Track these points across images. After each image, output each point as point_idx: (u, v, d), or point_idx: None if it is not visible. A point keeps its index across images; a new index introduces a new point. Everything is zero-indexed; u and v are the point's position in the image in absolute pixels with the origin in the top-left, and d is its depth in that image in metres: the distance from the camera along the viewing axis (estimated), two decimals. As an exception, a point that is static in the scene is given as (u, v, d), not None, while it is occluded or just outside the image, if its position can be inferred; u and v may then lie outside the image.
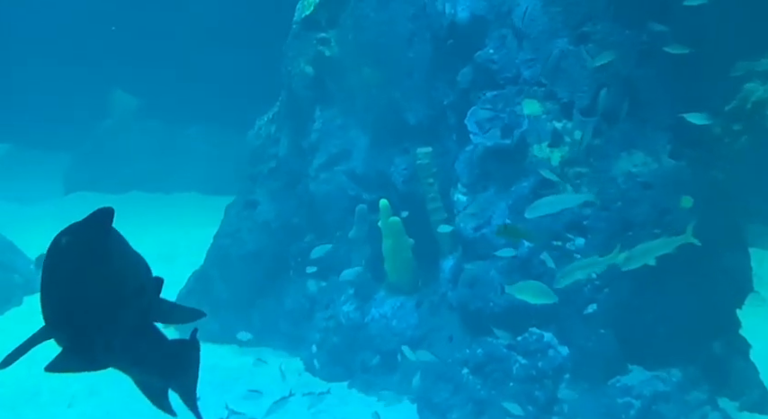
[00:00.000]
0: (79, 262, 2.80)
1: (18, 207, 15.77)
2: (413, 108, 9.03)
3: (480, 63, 8.09)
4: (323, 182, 9.60)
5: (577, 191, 7.55)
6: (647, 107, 7.51)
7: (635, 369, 7.50)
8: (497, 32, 8.05)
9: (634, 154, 7.51)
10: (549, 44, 7.74)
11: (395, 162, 9.18)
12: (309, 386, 8.80)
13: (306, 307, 9.59)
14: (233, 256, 10.14)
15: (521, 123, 7.77)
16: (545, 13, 7.79)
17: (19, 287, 11.53)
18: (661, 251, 6.84)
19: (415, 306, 8.85)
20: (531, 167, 7.72)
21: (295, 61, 9.80)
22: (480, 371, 7.71)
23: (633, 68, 7.53)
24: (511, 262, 7.68)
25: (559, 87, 7.70)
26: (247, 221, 10.15)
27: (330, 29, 9.55)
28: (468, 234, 7.97)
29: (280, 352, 9.65)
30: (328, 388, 8.51)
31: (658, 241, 6.95)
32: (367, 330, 8.92)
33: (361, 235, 9.00)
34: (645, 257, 6.80)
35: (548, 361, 7.52)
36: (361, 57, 9.33)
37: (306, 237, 9.77)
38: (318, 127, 9.74)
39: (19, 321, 10.85)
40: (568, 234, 7.56)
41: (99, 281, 2.83)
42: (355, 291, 9.16)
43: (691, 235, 6.72)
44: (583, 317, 7.47)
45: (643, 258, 6.80)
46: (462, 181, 8.15)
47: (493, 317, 7.72)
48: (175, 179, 17.27)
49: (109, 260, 2.87)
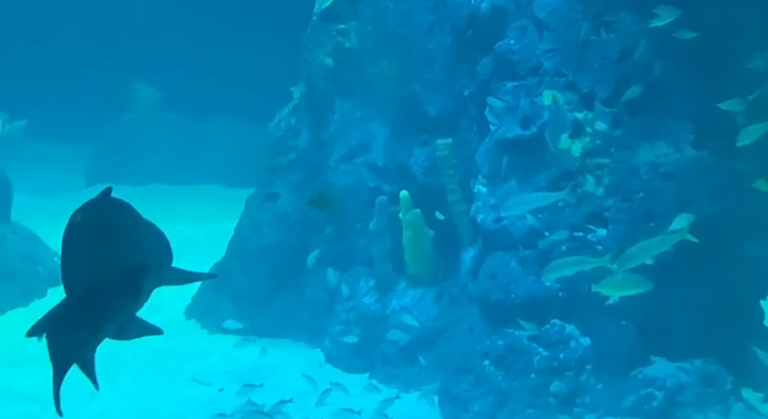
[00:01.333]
0: (83, 236, 3.07)
1: (40, 199, 15.88)
2: (432, 99, 9.01)
3: (500, 54, 8.05)
4: (343, 174, 9.60)
5: (599, 182, 7.51)
6: (668, 97, 7.45)
7: (657, 360, 7.47)
8: (518, 23, 8.00)
9: (656, 144, 7.46)
10: (570, 34, 7.70)
11: (415, 153, 9.16)
12: (329, 377, 8.81)
13: (326, 299, 9.61)
14: (253, 248, 10.16)
15: (541, 114, 7.73)
16: (565, 3, 7.75)
17: (43, 278, 11.62)
18: (658, 249, 6.86)
19: (435, 298, 8.84)
20: (551, 158, 7.68)
21: (314, 53, 9.80)
22: (501, 363, 7.70)
23: (654, 58, 7.48)
24: (532, 253, 7.67)
25: (580, 78, 7.66)
26: (267, 213, 10.17)
27: (350, 20, 9.53)
28: (489, 225, 7.95)
29: (300, 344, 9.68)
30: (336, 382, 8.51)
31: (656, 239, 6.94)
32: (387, 322, 8.92)
33: (382, 227, 9.00)
34: (642, 256, 6.81)
35: (569, 353, 7.50)
36: (380, 48, 9.31)
37: (325, 229, 9.78)
38: (338, 119, 9.74)
39: (42, 312, 10.91)
40: (590, 225, 7.53)
41: (101, 253, 3.08)
42: (376, 283, 9.17)
43: (687, 232, 6.70)
44: (604, 309, 7.45)
45: (640, 257, 6.80)
46: (482, 172, 8.13)
47: (513, 309, 7.71)
48: (196, 171, 17.34)
49: (110, 234, 3.11)
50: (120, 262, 3.13)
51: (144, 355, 9.37)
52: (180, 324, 10.47)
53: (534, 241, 7.71)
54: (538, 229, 7.69)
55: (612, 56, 7.55)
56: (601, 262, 6.91)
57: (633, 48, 7.46)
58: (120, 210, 3.23)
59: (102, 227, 3.12)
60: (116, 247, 3.15)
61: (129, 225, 3.24)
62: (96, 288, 3.13)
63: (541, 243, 7.67)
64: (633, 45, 7.46)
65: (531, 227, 7.72)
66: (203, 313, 10.46)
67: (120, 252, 3.14)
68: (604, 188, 7.52)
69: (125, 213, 3.23)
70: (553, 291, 7.58)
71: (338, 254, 9.65)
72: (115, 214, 3.21)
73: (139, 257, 3.22)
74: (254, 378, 8.83)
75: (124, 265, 3.14)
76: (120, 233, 3.17)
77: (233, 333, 9.86)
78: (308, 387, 8.32)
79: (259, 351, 9.32)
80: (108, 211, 3.19)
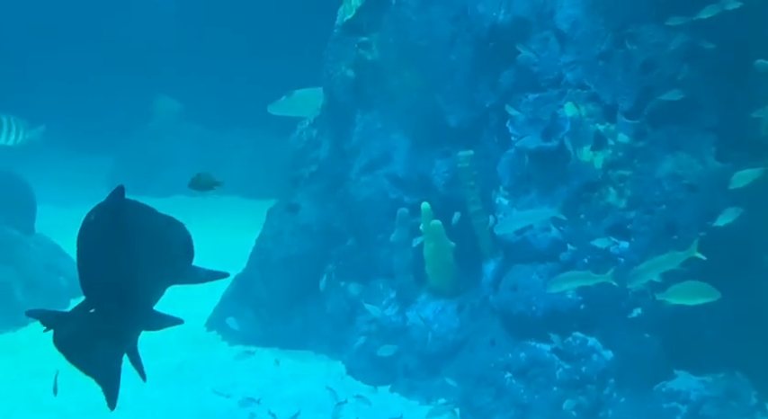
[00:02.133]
0: (95, 235, 3.14)
1: (62, 210, 15.97)
2: (454, 111, 9.01)
3: (522, 65, 8.05)
4: (364, 185, 9.60)
5: (621, 194, 7.48)
6: (691, 109, 7.41)
7: (681, 373, 7.40)
8: (539, 34, 8.00)
9: (679, 156, 7.42)
10: (592, 46, 7.69)
11: (436, 165, 9.16)
12: (351, 389, 8.80)
13: (347, 311, 9.60)
14: (274, 259, 10.18)
15: (563, 126, 7.72)
16: (588, 15, 7.74)
17: (65, 289, 11.68)
18: (666, 267, 6.83)
19: (456, 309, 8.82)
20: (573, 170, 7.66)
21: (336, 65, 9.82)
22: (523, 376, 7.67)
23: (677, 70, 7.44)
24: (554, 265, 7.65)
25: (603, 89, 7.64)
26: (289, 224, 10.19)
27: (371, 32, 9.56)
28: (510, 237, 7.94)
29: (321, 356, 9.68)
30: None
31: (663, 256, 6.91)
32: (408, 334, 8.91)
33: (403, 238, 8.99)
34: (649, 273, 6.80)
35: (592, 366, 7.46)
36: (401, 60, 9.33)
37: (347, 241, 9.78)
38: (359, 130, 9.75)
39: (65, 324, 10.99)
40: (612, 237, 7.49)
41: (115, 252, 3.13)
42: (397, 295, 9.15)
43: (695, 249, 6.68)
44: (627, 322, 7.40)
45: (647, 274, 6.79)
46: (504, 184, 8.12)
47: (535, 321, 7.68)
48: (218, 182, 17.37)
49: (124, 233, 3.16)
50: (134, 261, 3.16)
51: (165, 367, 9.40)
52: (201, 335, 10.49)
53: (556, 253, 7.68)
54: (560, 241, 7.67)
55: (635, 68, 7.52)
56: (604, 279, 6.94)
57: (656, 59, 7.44)
58: (133, 209, 3.26)
59: (115, 226, 3.15)
60: (130, 246, 3.18)
61: (143, 223, 3.26)
62: (114, 290, 3.18)
63: (563, 255, 7.64)
64: (656, 57, 7.43)
65: (552, 239, 7.70)
66: (225, 324, 10.47)
67: (134, 251, 3.17)
68: (627, 200, 7.49)
69: (139, 211, 3.26)
70: (575, 304, 7.54)
71: (359, 266, 9.64)
72: (128, 213, 3.23)
73: (155, 256, 3.25)
74: (274, 389, 8.84)
75: (139, 264, 3.16)
76: (134, 231, 3.20)
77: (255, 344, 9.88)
78: (330, 399, 8.31)
79: (282, 361, 9.31)
80: (122, 210, 3.21)
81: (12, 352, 10.08)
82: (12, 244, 11.68)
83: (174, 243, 3.45)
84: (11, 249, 11.56)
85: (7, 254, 11.42)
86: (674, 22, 7.20)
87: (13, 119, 10.75)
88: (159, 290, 3.42)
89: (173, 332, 11.09)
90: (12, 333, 10.60)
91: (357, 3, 9.63)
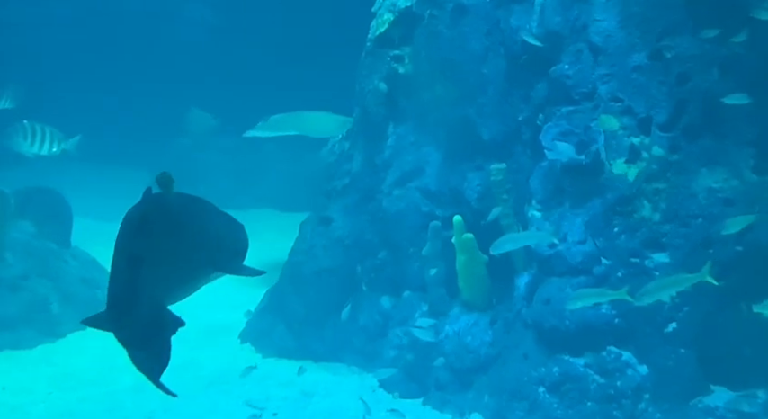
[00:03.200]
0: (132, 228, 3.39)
1: (98, 223, 16.12)
2: (486, 124, 8.99)
3: (555, 78, 8.03)
4: (396, 198, 9.61)
5: (655, 207, 7.43)
6: (727, 122, 7.35)
7: (717, 389, 7.31)
8: (572, 47, 7.98)
9: (715, 169, 7.35)
10: (626, 59, 7.65)
11: (468, 178, 9.15)
12: (383, 402, 8.79)
13: (380, 324, 9.60)
14: (307, 272, 10.21)
15: (596, 139, 7.68)
16: (622, 28, 7.70)
17: (101, 303, 11.70)
18: (675, 289, 6.93)
19: (489, 323, 8.78)
20: (607, 183, 7.62)
21: (369, 78, 9.86)
22: (557, 390, 7.61)
23: (712, 83, 7.39)
24: (587, 279, 7.60)
25: (637, 102, 7.59)
26: (321, 238, 10.22)
27: (404, 46, 9.59)
28: (543, 251, 7.90)
29: (353, 369, 9.68)
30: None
31: (673, 278, 6.96)
32: (441, 347, 8.88)
33: (435, 251, 8.98)
34: (658, 293, 6.86)
35: (626, 381, 7.38)
36: (434, 73, 9.34)
37: (379, 254, 9.79)
38: (391, 143, 9.76)
39: (100, 336, 11.07)
40: (646, 251, 7.43)
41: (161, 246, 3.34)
42: (429, 308, 9.14)
43: (707, 273, 6.69)
44: (663, 336, 7.33)
45: (656, 294, 6.85)
46: (537, 197, 8.09)
47: (569, 335, 7.62)
48: (251, 196, 17.48)
49: (170, 228, 3.40)
50: (180, 254, 3.38)
51: (199, 379, 9.45)
52: (235, 348, 10.54)
53: (590, 267, 7.63)
54: (594, 255, 7.62)
55: (670, 80, 7.48)
56: (618, 296, 6.94)
57: (691, 72, 7.38)
58: (181, 203, 3.54)
59: (159, 221, 3.41)
60: (175, 240, 3.40)
61: (188, 217, 3.49)
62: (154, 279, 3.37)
63: (597, 268, 7.59)
64: (691, 69, 7.38)
65: (586, 253, 7.65)
66: (258, 337, 10.51)
67: (179, 244, 3.39)
68: (661, 213, 7.43)
69: (187, 206, 3.55)
70: (609, 318, 7.48)
71: (391, 279, 9.64)
72: (175, 207, 3.51)
73: (200, 249, 3.31)
74: (307, 402, 8.85)
75: (184, 256, 3.23)
76: (179, 225, 3.45)
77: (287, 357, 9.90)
78: (362, 412, 8.30)
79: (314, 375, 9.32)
80: (167, 205, 3.49)
81: (49, 363, 10.19)
82: (49, 257, 11.82)
83: (226, 236, 3.64)
84: (48, 262, 11.70)
85: (44, 267, 11.56)
86: (709, 34, 7.16)
87: (48, 129, 10.90)
88: (196, 279, 3.59)
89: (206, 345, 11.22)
90: (50, 344, 10.73)
91: (390, 16, 9.68)
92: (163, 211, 3.47)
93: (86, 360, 10.19)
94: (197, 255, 3.48)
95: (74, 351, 10.54)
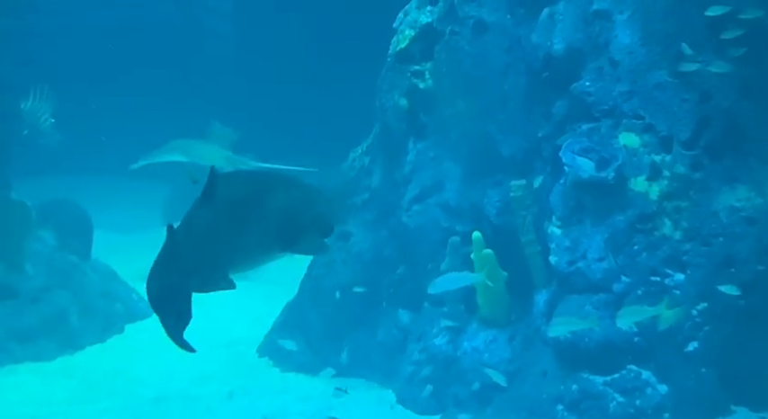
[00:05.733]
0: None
1: (119, 236, 16.23)
2: (507, 140, 8.98)
3: (576, 95, 8.02)
4: (415, 214, 9.61)
5: (676, 225, 7.39)
6: (750, 140, 7.32)
7: (739, 410, 7.26)
8: (594, 64, 7.97)
9: (737, 188, 7.31)
10: (648, 76, 7.64)
11: (488, 194, 9.13)
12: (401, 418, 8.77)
13: (398, 339, 9.58)
14: (326, 287, 10.21)
15: (617, 156, 7.65)
16: (643, 45, 7.69)
17: (120, 316, 11.85)
18: (646, 316, 7.04)
19: (507, 339, 8.73)
20: (627, 201, 7.59)
21: (389, 94, 9.87)
22: (575, 408, 7.56)
23: (735, 101, 7.36)
24: (607, 296, 7.56)
25: (658, 120, 7.57)
26: (341, 252, 10.22)
27: (424, 62, 9.60)
28: (563, 267, 7.87)
29: (371, 384, 9.66)
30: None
31: (650, 309, 7.04)
32: (459, 363, 8.85)
33: (454, 267, 8.95)
34: (633, 317, 7.05)
35: (646, 400, 7.32)
36: (454, 89, 9.34)
37: (398, 269, 9.78)
38: (411, 159, 9.77)
39: (119, 348, 11.14)
40: (667, 269, 7.39)
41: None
42: (448, 324, 9.10)
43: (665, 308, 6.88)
44: (683, 355, 7.27)
45: (631, 317, 7.05)
46: (557, 214, 8.06)
47: (588, 353, 7.58)
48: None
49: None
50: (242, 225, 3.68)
51: (217, 393, 9.46)
52: (253, 362, 10.54)
53: (609, 284, 7.60)
54: (614, 272, 7.59)
55: (692, 98, 7.45)
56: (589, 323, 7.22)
57: (713, 90, 7.36)
58: (249, 179, 3.91)
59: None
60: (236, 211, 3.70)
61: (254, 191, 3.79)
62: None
63: (617, 286, 7.56)
64: (713, 87, 7.36)
65: (606, 270, 7.62)
66: (276, 351, 10.51)
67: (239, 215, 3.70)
68: (682, 231, 7.39)
69: (255, 181, 3.87)
70: (629, 336, 7.43)
71: (410, 294, 9.62)
72: (241, 181, 3.84)
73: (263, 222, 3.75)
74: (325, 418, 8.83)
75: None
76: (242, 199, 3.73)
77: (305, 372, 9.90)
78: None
79: (332, 391, 9.31)
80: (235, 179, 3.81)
81: (67, 375, 10.22)
82: (69, 269, 11.89)
83: (298, 211, 3.95)
84: (68, 275, 11.77)
85: (64, 279, 11.62)
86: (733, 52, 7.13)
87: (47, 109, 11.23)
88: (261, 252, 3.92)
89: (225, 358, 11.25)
90: (68, 357, 10.77)
91: (410, 32, 9.70)
92: (229, 184, 3.80)
93: (106, 372, 10.22)
94: (259, 228, 3.84)
95: (93, 363, 10.57)
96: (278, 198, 3.90)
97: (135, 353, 10.83)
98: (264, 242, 3.87)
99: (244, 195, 3.81)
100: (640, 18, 7.81)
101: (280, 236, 3.89)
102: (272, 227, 3.87)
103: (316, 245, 4.07)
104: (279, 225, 3.92)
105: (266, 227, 3.85)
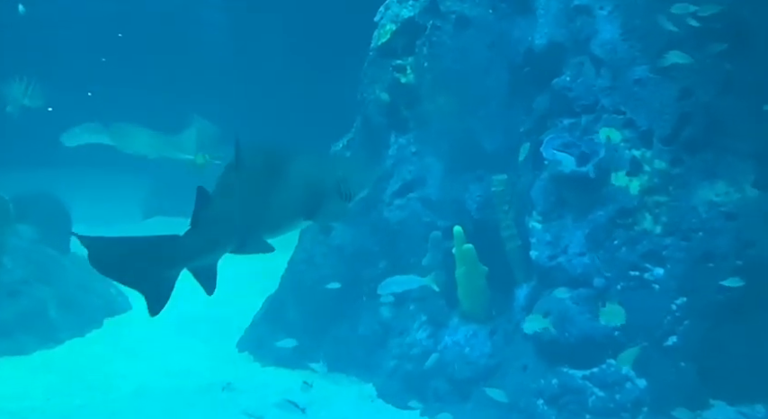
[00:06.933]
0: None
1: (98, 229, 16.11)
2: (488, 135, 8.99)
3: (557, 90, 8.04)
4: (397, 208, 9.60)
5: (656, 220, 7.42)
6: (729, 136, 7.36)
7: (717, 403, 7.30)
8: (575, 59, 8.00)
9: (716, 183, 7.36)
10: (629, 72, 7.66)
11: (469, 189, 9.14)
12: (382, 412, 8.77)
13: (379, 334, 9.57)
14: (307, 282, 10.19)
15: (598, 151, 7.68)
16: (624, 41, 7.72)
17: (99, 309, 11.79)
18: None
19: (488, 334, 8.75)
20: (608, 196, 7.62)
21: (370, 88, 9.86)
22: (555, 403, 7.59)
23: (715, 97, 7.40)
24: (587, 291, 7.59)
25: (639, 115, 7.60)
26: (322, 247, 10.20)
27: (406, 56, 9.59)
28: (544, 262, 7.89)
29: (352, 378, 9.65)
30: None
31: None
32: (440, 358, 8.85)
33: (435, 262, 8.96)
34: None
35: (625, 394, 7.36)
36: (436, 84, 9.34)
37: (379, 264, 9.77)
38: (393, 153, 9.76)
39: (98, 342, 11.09)
40: (646, 264, 7.43)
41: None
42: (428, 318, 9.12)
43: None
44: (662, 350, 7.31)
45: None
46: (537, 208, 8.08)
47: (568, 348, 7.61)
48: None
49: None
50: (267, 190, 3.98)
51: (197, 387, 9.43)
52: (233, 356, 10.51)
53: (590, 279, 7.63)
54: (594, 267, 7.61)
55: (672, 94, 7.48)
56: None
57: (694, 86, 7.39)
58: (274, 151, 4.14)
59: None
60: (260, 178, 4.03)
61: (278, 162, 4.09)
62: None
63: (597, 280, 7.58)
64: (693, 83, 7.39)
65: (586, 265, 7.65)
66: (256, 345, 10.49)
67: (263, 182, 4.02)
68: (662, 226, 7.43)
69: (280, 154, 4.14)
70: (609, 331, 7.47)
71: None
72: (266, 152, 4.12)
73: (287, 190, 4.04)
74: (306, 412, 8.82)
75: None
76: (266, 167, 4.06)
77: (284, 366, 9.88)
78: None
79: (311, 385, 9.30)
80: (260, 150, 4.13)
81: (46, 369, 10.16)
82: (47, 263, 11.82)
83: (318, 182, 4.22)
84: (46, 268, 11.70)
85: (43, 272, 11.55)
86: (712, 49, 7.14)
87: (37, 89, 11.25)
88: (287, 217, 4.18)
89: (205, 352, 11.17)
90: (47, 350, 10.71)
91: (392, 26, 9.69)
92: (254, 155, 4.09)
93: (85, 366, 10.17)
94: (285, 194, 4.13)
95: (72, 357, 10.52)
96: (300, 166, 4.20)
97: (114, 347, 10.78)
98: (290, 207, 4.16)
99: (268, 164, 4.11)
100: (621, 14, 7.84)
101: (305, 200, 4.18)
102: (298, 192, 4.15)
103: (338, 209, 4.30)
104: (303, 190, 4.21)
105: (291, 194, 4.14)
